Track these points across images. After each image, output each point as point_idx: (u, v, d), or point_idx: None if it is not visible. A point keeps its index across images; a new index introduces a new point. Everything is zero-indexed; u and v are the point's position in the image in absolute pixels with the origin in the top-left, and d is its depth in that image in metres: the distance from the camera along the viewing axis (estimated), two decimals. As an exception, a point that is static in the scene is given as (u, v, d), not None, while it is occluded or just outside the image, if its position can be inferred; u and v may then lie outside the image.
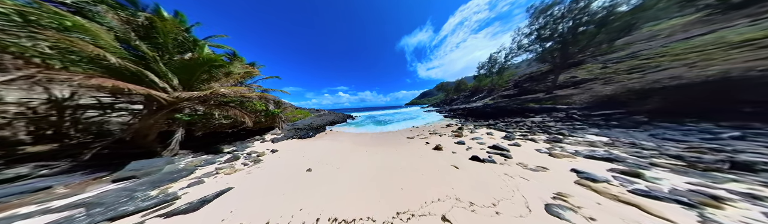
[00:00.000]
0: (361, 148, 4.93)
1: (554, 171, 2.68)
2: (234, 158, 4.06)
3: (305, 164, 3.55)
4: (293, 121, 10.58)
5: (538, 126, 6.20)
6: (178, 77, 3.65)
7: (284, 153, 4.63)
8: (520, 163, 3.09)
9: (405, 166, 3.23)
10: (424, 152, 4.22)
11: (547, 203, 1.82)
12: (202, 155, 4.26)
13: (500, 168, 2.97)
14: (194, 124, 4.46)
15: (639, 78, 8.07)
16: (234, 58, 6.48)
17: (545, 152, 3.56)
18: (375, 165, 3.35)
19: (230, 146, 5.36)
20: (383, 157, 3.89)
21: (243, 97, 5.66)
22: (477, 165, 3.16)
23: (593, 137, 4.24)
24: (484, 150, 4.06)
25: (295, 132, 7.86)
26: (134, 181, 2.56)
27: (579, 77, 10.90)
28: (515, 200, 1.95)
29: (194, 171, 3.17)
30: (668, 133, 3.51)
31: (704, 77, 5.37)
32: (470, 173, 2.83)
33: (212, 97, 3.96)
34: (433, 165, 3.23)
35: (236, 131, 6.23)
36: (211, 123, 4.56)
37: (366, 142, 5.83)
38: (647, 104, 5.17)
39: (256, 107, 6.21)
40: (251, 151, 4.84)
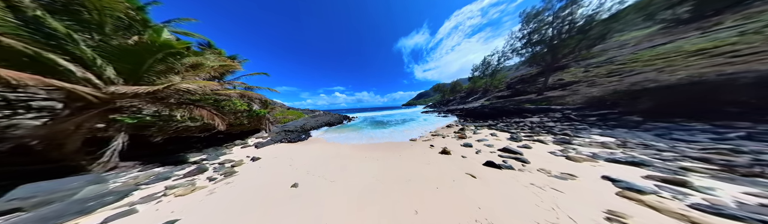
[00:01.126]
0: (359, 153, 4.27)
1: (584, 178, 2.31)
2: (199, 170, 3.16)
3: (291, 177, 2.82)
4: (284, 122, 9.51)
5: (538, 127, 6.08)
6: (116, 67, 2.72)
7: (267, 162, 3.80)
8: (542, 169, 2.71)
9: (413, 177, 2.67)
10: (431, 157, 3.70)
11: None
12: (155, 168, 3.29)
13: (522, 175, 2.55)
14: (146, 127, 3.45)
15: (618, 81, 8.57)
16: (209, 49, 5.43)
17: (560, 155, 3.25)
18: (378, 176, 2.74)
19: (200, 153, 4.36)
20: (386, 165, 3.29)
21: (218, 95, 4.71)
22: (495, 173, 2.71)
23: (599, 137, 4.09)
24: (496, 154, 3.68)
25: (284, 135, 6.91)
26: (14, 217, 1.64)
27: (565, 79, 11.45)
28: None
29: (130, 194, 2.28)
30: (675, 133, 3.42)
31: (677, 80, 5.69)
32: (492, 183, 2.36)
33: (171, 93, 3.06)
34: (445, 174, 2.71)
35: (211, 136, 5.17)
36: (169, 126, 3.58)
37: (365, 146, 5.17)
38: (638, 104, 5.28)
39: (236, 106, 5.24)
40: (226, 160, 3.93)
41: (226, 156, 4.35)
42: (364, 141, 5.77)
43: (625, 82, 7.96)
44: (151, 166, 3.32)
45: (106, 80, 2.66)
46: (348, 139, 6.22)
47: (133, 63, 2.79)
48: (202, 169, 3.23)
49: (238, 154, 4.57)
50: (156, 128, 3.49)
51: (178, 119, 3.63)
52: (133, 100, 2.88)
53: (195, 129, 4.22)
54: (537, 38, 11.29)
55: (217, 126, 3.23)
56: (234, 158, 4.10)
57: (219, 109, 4.79)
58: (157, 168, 3.31)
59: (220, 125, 3.24)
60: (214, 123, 3.28)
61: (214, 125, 3.34)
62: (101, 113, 2.71)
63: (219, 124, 3.23)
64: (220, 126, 3.23)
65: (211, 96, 4.55)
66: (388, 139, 6.02)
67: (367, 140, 5.86)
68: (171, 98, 3.44)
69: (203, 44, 5.36)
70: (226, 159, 3.98)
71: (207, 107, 3.44)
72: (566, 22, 9.95)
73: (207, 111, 3.35)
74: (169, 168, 3.33)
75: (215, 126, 3.32)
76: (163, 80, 3.19)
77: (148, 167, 3.26)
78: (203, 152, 4.46)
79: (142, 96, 2.93)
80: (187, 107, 3.31)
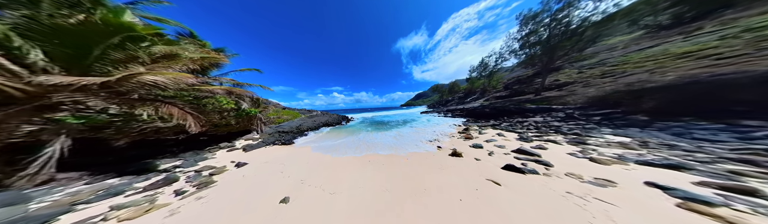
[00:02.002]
0: (362, 157, 3.77)
1: (625, 185, 1.98)
2: (166, 181, 2.54)
3: (281, 188, 2.29)
4: (278, 123, 8.79)
5: (544, 126, 5.88)
6: (50, 51, 2.09)
7: (254, 168, 3.20)
8: (570, 173, 2.36)
9: (429, 185, 2.23)
10: (442, 160, 3.29)
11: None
12: (109, 179, 2.61)
13: (552, 181, 2.19)
14: (101, 129, 2.76)
15: (612, 81, 8.73)
16: (190, 39, 4.70)
17: (582, 156, 2.95)
18: (387, 186, 2.27)
19: (175, 159, 3.68)
20: (394, 170, 2.83)
21: (198, 91, 4.05)
22: (519, 178, 2.34)
23: (613, 137, 3.87)
24: (511, 155, 3.33)
25: (277, 137, 6.25)
26: None
27: (561, 80, 11.62)
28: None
29: (55, 219, 1.66)
30: (696, 133, 3.23)
31: (673, 80, 5.75)
32: (522, 192, 1.97)
33: (133, 87, 2.44)
34: (465, 182, 2.29)
35: (191, 138, 4.46)
36: (131, 127, 2.90)
37: (368, 148, 4.66)
38: (642, 104, 5.20)
39: (221, 105, 4.57)
40: (205, 166, 3.30)
41: (207, 162, 3.70)
42: (368, 143, 5.21)
43: (620, 82, 8.10)
44: (105, 177, 2.64)
45: (34, 68, 2.02)
46: (348, 141, 5.58)
47: (76, 47, 2.17)
48: (171, 179, 2.60)
49: (222, 159, 3.92)
50: (113, 129, 2.81)
51: (144, 119, 2.97)
52: (75, 94, 2.23)
53: (168, 131, 3.54)
54: (534, 40, 11.40)
55: (188, 127, 2.62)
56: (215, 164, 3.47)
57: (199, 107, 4.12)
58: (113, 179, 2.64)
59: (192, 126, 2.64)
60: (186, 124, 2.67)
61: (187, 126, 2.74)
62: (29, 110, 2.06)
63: (191, 125, 2.63)
64: (193, 127, 2.63)
65: (189, 92, 3.89)
66: (391, 140, 5.54)
67: (369, 142, 5.33)
68: (134, 93, 2.80)
69: (184, 34, 4.67)
70: (205, 166, 3.34)
71: (178, 105, 2.82)
72: (563, 24, 10.09)
73: (178, 109, 2.74)
74: (129, 178, 2.67)
75: (188, 128, 2.72)
76: (122, 70, 2.56)
77: (100, 178, 2.59)
78: (179, 158, 3.77)
79: (91, 90, 2.29)
80: (152, 104, 2.68)
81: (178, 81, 2.50)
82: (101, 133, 2.79)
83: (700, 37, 8.90)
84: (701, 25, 9.87)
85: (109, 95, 2.58)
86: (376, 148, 4.54)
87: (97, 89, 2.39)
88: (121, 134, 2.97)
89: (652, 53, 9.58)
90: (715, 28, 8.96)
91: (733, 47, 6.90)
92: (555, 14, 10.08)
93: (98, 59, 2.35)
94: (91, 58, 2.30)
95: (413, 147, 4.42)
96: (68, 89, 2.15)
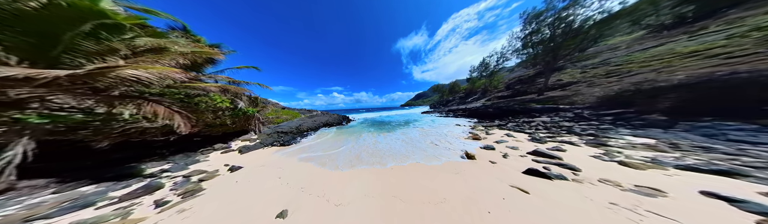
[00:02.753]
0: (368, 159, 3.46)
1: (677, 195, 1.70)
2: (147, 189, 2.21)
3: (278, 198, 1.97)
4: (277, 123, 8.44)
5: (554, 126, 5.61)
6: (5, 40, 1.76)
7: (249, 173, 2.88)
8: (605, 180, 2.08)
9: (448, 194, 1.93)
10: (455, 163, 2.98)
11: None
12: (84, 187, 2.28)
13: (587, 189, 1.90)
14: (76, 130, 2.41)
15: (618, 81, 8.51)
16: (183, 33, 4.34)
17: (608, 159, 2.67)
18: (400, 195, 1.96)
19: (163, 162, 3.34)
20: (405, 175, 2.52)
21: (191, 88, 3.72)
22: (547, 185, 2.05)
23: (634, 138, 3.60)
24: (528, 158, 3.05)
25: (276, 137, 5.92)
26: None
27: (564, 80, 11.40)
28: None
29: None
30: (731, 134, 2.96)
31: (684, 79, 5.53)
32: (556, 203, 1.68)
33: (112, 83, 2.11)
34: (488, 189, 2.00)
35: (183, 139, 4.11)
36: (111, 128, 2.56)
37: (373, 150, 4.30)
38: (657, 103, 4.94)
39: (215, 103, 4.24)
40: (196, 170, 2.97)
41: (199, 165, 3.37)
42: (372, 144, 4.83)
43: (626, 82, 7.87)
44: (78, 184, 2.30)
45: None
46: (351, 142, 5.20)
47: (40, 36, 1.85)
48: (154, 187, 2.27)
49: (216, 162, 3.59)
50: (90, 130, 2.47)
51: (126, 119, 2.63)
52: (38, 90, 1.90)
53: (156, 131, 3.20)
54: (538, 39, 11.18)
55: (177, 127, 2.29)
56: (207, 168, 3.14)
57: (191, 106, 3.77)
58: (87, 186, 2.30)
59: (182, 126, 2.32)
60: (174, 124, 2.34)
61: (175, 126, 2.41)
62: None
63: (180, 125, 2.31)
64: (182, 128, 2.31)
65: (179, 90, 3.55)
66: (396, 141, 5.19)
67: (373, 143, 4.98)
68: (114, 90, 2.46)
69: (176, 28, 4.33)
70: (195, 170, 3.02)
71: (164, 103, 2.49)
72: (567, 22, 9.87)
73: (164, 108, 2.41)
74: (106, 185, 2.34)
75: (176, 128, 2.39)
76: (98, 63, 2.23)
77: (71, 186, 2.25)
78: (168, 161, 3.44)
79: (61, 85, 1.96)
80: (134, 101, 2.35)
81: (163, 76, 2.17)
82: (76, 134, 2.45)
83: (705, 36, 8.72)
84: (705, 24, 9.71)
85: (83, 91, 2.25)
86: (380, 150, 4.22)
87: (69, 84, 2.06)
88: (100, 136, 2.62)
89: (657, 53, 9.39)
90: (720, 28, 8.79)
91: (742, 46, 6.70)
92: (559, 12, 9.85)
93: (67, 49, 2.03)
94: (59, 48, 1.97)
95: (422, 148, 4.10)
96: (31, 84, 1.82)
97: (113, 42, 2.23)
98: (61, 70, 1.82)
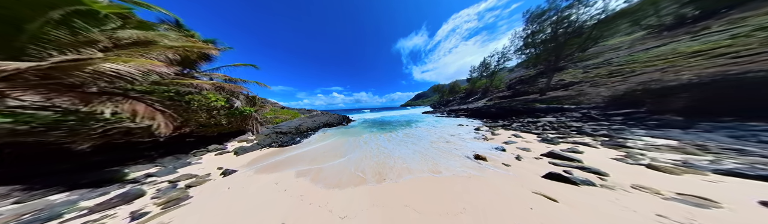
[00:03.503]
0: (373, 161, 3.21)
1: (733, 205, 1.48)
2: (127, 196, 1.94)
3: (275, 208, 1.72)
4: (276, 123, 8.16)
5: (562, 127, 5.41)
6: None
7: (243, 178, 2.61)
8: (639, 186, 1.86)
9: (467, 204, 1.69)
10: (466, 166, 2.75)
11: None
12: (53, 195, 2.00)
13: (623, 197, 1.68)
14: (48, 130, 2.13)
15: (622, 81, 8.39)
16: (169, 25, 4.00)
17: (633, 163, 2.46)
18: (414, 205, 1.72)
19: (150, 165, 3.06)
20: (417, 181, 2.27)
21: (181, 85, 3.45)
22: (576, 192, 1.83)
23: (652, 139, 3.40)
24: (543, 160, 2.83)
25: (275, 138, 5.64)
26: None
27: (566, 80, 11.29)
28: None
29: None
30: (762, 135, 2.78)
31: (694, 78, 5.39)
32: (592, 214, 1.47)
33: (88, 78, 1.85)
34: (510, 197, 1.77)
35: (174, 140, 3.82)
36: (89, 128, 2.28)
37: (378, 151, 4.02)
38: (669, 103, 4.77)
39: (209, 102, 3.96)
40: (185, 175, 2.70)
41: (189, 168, 3.09)
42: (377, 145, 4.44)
43: (631, 81, 7.76)
44: (47, 192, 2.02)
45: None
46: (354, 142, 4.87)
47: None
48: (133, 195, 2.00)
49: (208, 164, 3.31)
50: (64, 131, 2.20)
51: (107, 118, 2.36)
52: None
53: (142, 132, 2.92)
54: (541, 38, 11.08)
55: (157, 128, 2.03)
56: (198, 172, 2.87)
57: (182, 105, 3.50)
58: (59, 194, 2.02)
59: (162, 127, 2.06)
60: (155, 124, 2.08)
61: (154, 127, 2.15)
62: None
63: (161, 125, 2.04)
64: (163, 129, 2.05)
65: (169, 87, 3.28)
66: (402, 141, 4.90)
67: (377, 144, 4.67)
68: (91, 86, 2.19)
69: (168, 22, 4.07)
70: (184, 174, 2.74)
71: (145, 100, 2.23)
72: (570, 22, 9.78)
73: (145, 106, 2.15)
74: (80, 193, 2.06)
75: (155, 129, 2.13)
76: (72, 56, 1.97)
77: (39, 194, 1.97)
78: (155, 164, 3.16)
79: (27, 80, 1.70)
80: (112, 99, 2.09)
81: (146, 71, 1.92)
82: (47, 135, 2.17)
83: (708, 36, 8.64)
84: (708, 24, 9.66)
85: (56, 87, 1.98)
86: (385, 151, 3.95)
87: (38, 79, 1.80)
88: (77, 137, 2.35)
89: (660, 52, 9.31)
90: (722, 28, 8.73)
91: (748, 46, 6.61)
92: (562, 11, 9.76)
93: (34, 39, 1.76)
94: (23, 38, 1.71)
95: (427, 148, 3.84)
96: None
97: (91, 33, 1.97)
98: (24, 62, 1.56)
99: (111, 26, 2.31)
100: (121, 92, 2.52)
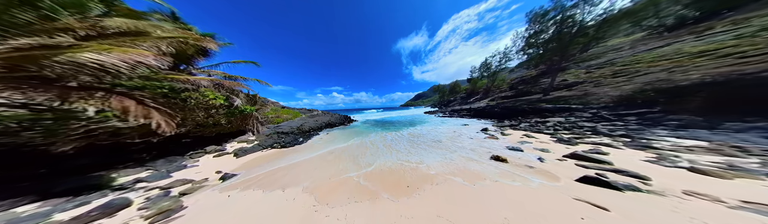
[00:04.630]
0: (389, 165, 2.95)
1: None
2: (109, 208, 1.66)
3: (283, 221, 1.45)
4: (277, 123, 7.85)
5: (574, 127, 5.24)
6: None
7: (245, 183, 2.32)
8: (692, 192, 1.66)
9: (510, 213, 1.45)
10: (488, 168, 2.51)
11: None
12: (21, 206, 1.71)
13: (681, 206, 1.49)
14: (19, 131, 1.81)
15: (627, 81, 8.29)
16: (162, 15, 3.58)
17: (670, 165, 2.26)
18: (447, 214, 1.47)
19: (141, 169, 2.76)
20: (444, 185, 2.02)
21: (176, 81, 3.14)
22: (623, 199, 1.63)
23: (677, 139, 3.22)
24: (568, 162, 2.64)
25: (276, 138, 5.35)
26: None
27: (569, 80, 11.19)
28: None
29: None
30: None
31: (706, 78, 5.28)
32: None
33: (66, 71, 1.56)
34: (548, 204, 1.56)
35: (170, 140, 3.50)
36: (69, 128, 1.97)
37: (390, 153, 3.70)
38: (686, 102, 4.62)
39: (207, 99, 3.66)
40: (180, 180, 2.41)
41: (185, 172, 2.80)
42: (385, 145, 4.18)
43: (637, 81, 7.66)
44: (16, 202, 1.72)
45: None
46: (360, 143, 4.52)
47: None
48: (117, 205, 1.72)
49: (206, 168, 3.02)
50: (39, 131, 1.89)
51: (90, 117, 2.06)
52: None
53: (132, 133, 2.61)
54: (545, 38, 10.97)
55: (157, 128, 1.75)
56: (194, 177, 2.58)
57: (177, 102, 3.19)
58: (28, 204, 1.72)
59: (162, 126, 1.78)
60: (152, 122, 1.80)
61: (153, 126, 1.86)
62: None
63: (161, 124, 1.77)
64: (164, 128, 1.78)
65: (162, 83, 2.97)
66: (410, 142, 4.64)
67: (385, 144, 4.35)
68: (70, 80, 1.90)
69: (163, 13, 3.74)
70: (179, 179, 2.45)
71: (135, 96, 1.94)
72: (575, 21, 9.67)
73: (135, 102, 1.86)
74: (55, 203, 1.77)
75: (155, 128, 1.84)
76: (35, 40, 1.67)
77: (5, 205, 1.67)
78: (147, 167, 2.85)
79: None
80: (94, 94, 1.79)
81: (132, 61, 1.63)
82: (17, 136, 1.86)
83: (712, 36, 8.61)
84: (711, 25, 9.64)
85: (23, 81, 1.68)
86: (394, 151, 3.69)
87: (3, 71, 1.51)
88: (54, 138, 2.04)
89: (664, 53, 9.26)
90: (726, 28, 8.70)
91: (755, 45, 6.54)
92: (567, 11, 9.64)
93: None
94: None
95: (438, 149, 3.58)
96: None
97: (63, 17, 1.67)
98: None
99: (95, 13, 2.02)
100: (106, 87, 2.21)
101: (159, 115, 1.99)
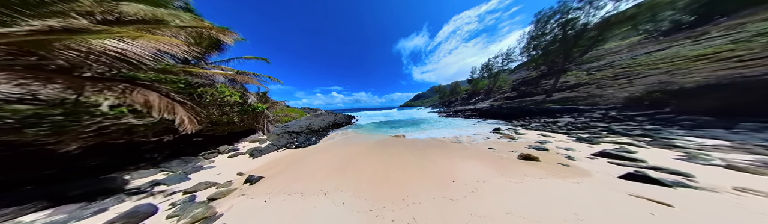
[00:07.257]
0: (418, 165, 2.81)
1: None
2: (134, 217, 1.47)
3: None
4: (284, 121, 7.57)
5: (587, 127, 5.28)
6: None
7: (275, 186, 2.11)
8: (743, 188, 1.65)
9: (577, 209, 1.36)
10: (520, 165, 2.43)
11: None
12: (27, 214, 1.48)
13: (743, 202, 1.45)
14: (23, 128, 1.57)
15: (628, 83, 8.49)
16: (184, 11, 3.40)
17: (704, 163, 2.26)
18: (517, 211, 1.35)
19: (155, 171, 2.53)
20: (496, 187, 1.90)
21: (192, 75, 2.89)
22: (678, 195, 1.60)
23: (697, 139, 3.26)
24: (599, 160, 2.64)
25: (288, 138, 5.11)
26: None
27: (570, 81, 11.39)
28: None
29: None
30: None
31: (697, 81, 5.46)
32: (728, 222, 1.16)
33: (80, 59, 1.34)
34: (606, 201, 1.50)
35: (181, 139, 3.23)
36: (78, 125, 1.72)
37: (410, 151, 3.61)
38: (696, 103, 4.72)
39: (222, 96, 3.41)
40: (203, 183, 2.20)
41: (203, 174, 2.58)
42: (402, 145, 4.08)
43: (638, 84, 7.86)
44: (22, 209, 1.49)
45: None
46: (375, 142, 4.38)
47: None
48: (142, 213, 1.52)
49: (224, 169, 2.80)
50: (46, 128, 1.65)
51: (104, 112, 1.83)
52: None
53: (146, 130, 2.37)
54: (549, 39, 11.11)
55: (180, 124, 1.55)
56: (216, 179, 2.37)
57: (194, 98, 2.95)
58: (37, 212, 1.50)
59: (186, 123, 1.59)
60: (176, 119, 1.60)
61: (177, 122, 1.66)
62: None
63: (185, 120, 1.57)
64: (187, 125, 1.58)
65: (179, 77, 2.72)
66: (421, 143, 4.50)
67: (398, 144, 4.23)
68: (83, 70, 1.66)
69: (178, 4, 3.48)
70: (201, 182, 2.23)
71: (160, 89, 1.73)
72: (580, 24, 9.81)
73: (159, 95, 1.65)
74: (67, 210, 1.54)
75: (178, 125, 1.64)
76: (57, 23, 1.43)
77: (10, 213, 1.43)
78: (161, 168, 2.61)
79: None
80: (114, 86, 1.57)
81: (157, 50, 1.43)
82: (22, 134, 1.62)
83: (709, 41, 8.91)
84: (706, 30, 9.99)
85: (33, 70, 1.45)
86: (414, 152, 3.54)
87: (9, 58, 1.28)
88: (63, 136, 1.80)
89: (663, 56, 9.54)
90: (722, 33, 9.02)
91: (751, 50, 6.80)
92: (571, 13, 9.78)
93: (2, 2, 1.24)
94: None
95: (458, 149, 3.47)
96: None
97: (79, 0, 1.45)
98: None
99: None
100: (122, 78, 1.97)
101: (184, 110, 1.79)
